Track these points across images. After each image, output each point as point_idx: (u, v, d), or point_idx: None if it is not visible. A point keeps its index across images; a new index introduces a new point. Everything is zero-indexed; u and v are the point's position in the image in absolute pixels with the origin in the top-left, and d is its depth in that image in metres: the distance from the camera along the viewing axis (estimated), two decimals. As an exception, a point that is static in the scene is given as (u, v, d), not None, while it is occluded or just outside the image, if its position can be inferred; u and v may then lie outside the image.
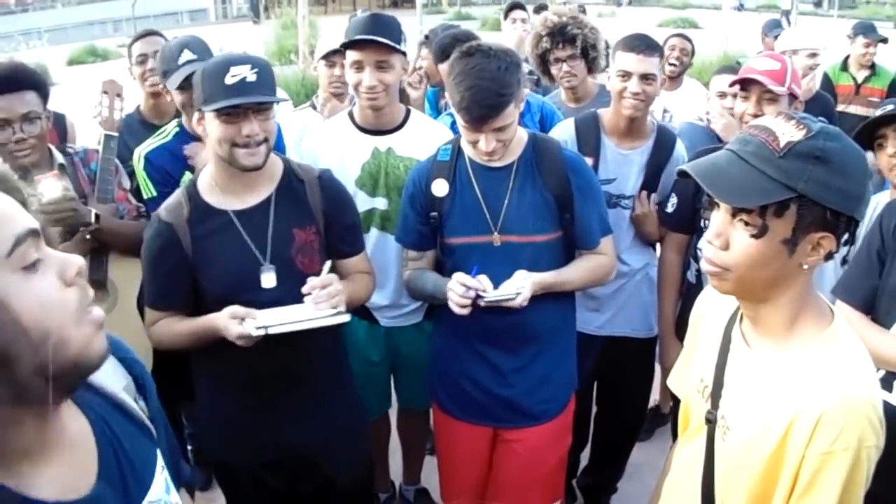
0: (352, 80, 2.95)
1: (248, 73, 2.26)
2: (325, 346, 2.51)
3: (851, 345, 1.59)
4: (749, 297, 1.64)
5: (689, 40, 5.44)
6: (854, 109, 5.80)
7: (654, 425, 4.17)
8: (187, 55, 3.06)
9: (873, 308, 2.46)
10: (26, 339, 0.99)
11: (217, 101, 2.25)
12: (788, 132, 1.49)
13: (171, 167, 3.07)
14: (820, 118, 1.55)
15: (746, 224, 1.51)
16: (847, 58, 6.11)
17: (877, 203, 2.77)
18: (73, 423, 1.18)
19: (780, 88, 2.84)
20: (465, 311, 2.47)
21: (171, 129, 3.17)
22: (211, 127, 2.33)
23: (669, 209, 3.15)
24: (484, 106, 2.41)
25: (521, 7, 5.90)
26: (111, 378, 1.31)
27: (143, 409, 1.38)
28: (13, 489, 1.05)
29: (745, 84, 2.91)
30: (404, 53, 2.99)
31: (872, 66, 6.02)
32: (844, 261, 2.57)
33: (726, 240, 1.56)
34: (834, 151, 1.47)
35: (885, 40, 6.16)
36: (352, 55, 2.92)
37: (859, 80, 5.99)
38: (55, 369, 1.02)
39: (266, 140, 2.34)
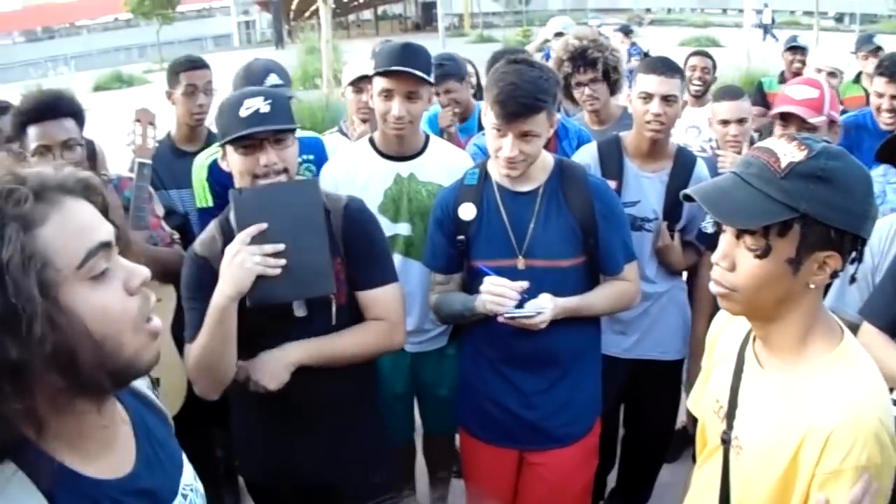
0: (379, 108, 2.95)
1: (261, 105, 2.27)
2: (355, 378, 2.51)
3: (861, 363, 1.60)
4: (758, 317, 1.66)
5: (710, 57, 5.50)
6: None
7: (682, 447, 4.14)
8: (273, 79, 3.19)
9: None
10: (89, 341, 1.12)
11: (232, 133, 2.28)
12: (790, 153, 1.51)
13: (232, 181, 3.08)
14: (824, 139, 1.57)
15: (751, 245, 1.54)
16: (860, 73, 6.13)
17: None
18: (116, 412, 1.32)
19: (818, 119, 2.83)
20: (501, 308, 2.48)
21: None
22: (232, 161, 2.35)
23: (710, 229, 3.15)
24: (519, 102, 2.44)
25: None
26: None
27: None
28: (70, 467, 1.18)
29: (784, 115, 2.90)
30: (432, 84, 3.02)
31: None
32: (853, 279, 2.56)
33: (732, 261, 1.59)
34: (836, 170, 1.48)
35: (879, 48, 6.18)
36: (381, 83, 2.91)
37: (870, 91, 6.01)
38: (109, 369, 1.16)
39: (286, 170, 2.34)
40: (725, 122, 3.77)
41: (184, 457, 1.47)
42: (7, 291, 1.05)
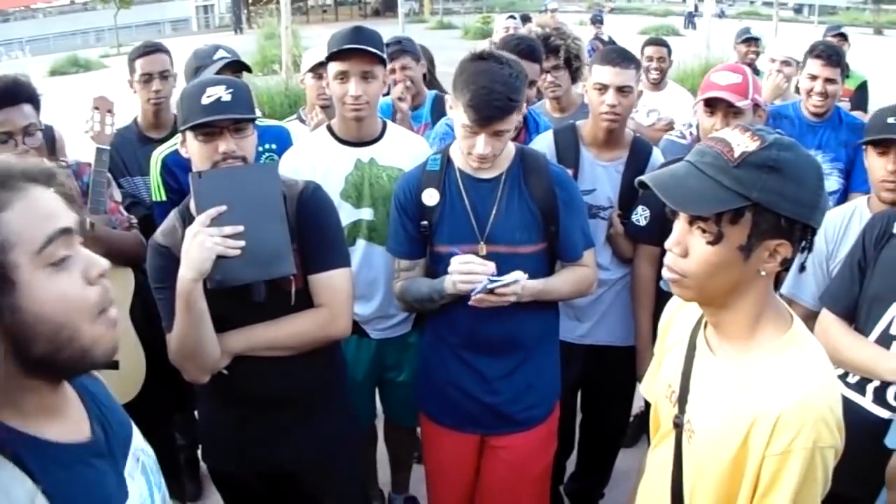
0: (336, 92, 2.95)
1: (223, 93, 2.29)
2: (317, 367, 2.51)
3: (810, 348, 1.65)
4: (710, 303, 1.70)
5: (665, 45, 5.59)
6: None
7: (640, 432, 4.20)
8: (221, 53, 3.32)
9: (856, 316, 2.52)
10: (46, 326, 1.14)
11: (192, 120, 2.29)
12: (743, 143, 1.55)
13: (185, 176, 3.01)
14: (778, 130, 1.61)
15: (703, 231, 1.58)
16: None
17: (854, 208, 2.82)
18: (68, 386, 1.34)
19: (744, 103, 2.90)
20: (472, 285, 2.48)
21: None
22: (191, 148, 2.36)
23: (642, 222, 3.19)
24: (493, 107, 2.45)
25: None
26: None
27: None
28: (35, 435, 1.20)
29: (710, 100, 2.97)
30: (386, 65, 3.03)
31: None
32: (802, 267, 2.64)
33: (685, 247, 1.63)
34: (787, 161, 1.52)
35: (843, 35, 6.31)
36: (336, 66, 2.93)
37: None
38: (65, 356, 1.17)
39: (244, 158, 2.35)
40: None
41: (131, 420, 1.49)
42: None
